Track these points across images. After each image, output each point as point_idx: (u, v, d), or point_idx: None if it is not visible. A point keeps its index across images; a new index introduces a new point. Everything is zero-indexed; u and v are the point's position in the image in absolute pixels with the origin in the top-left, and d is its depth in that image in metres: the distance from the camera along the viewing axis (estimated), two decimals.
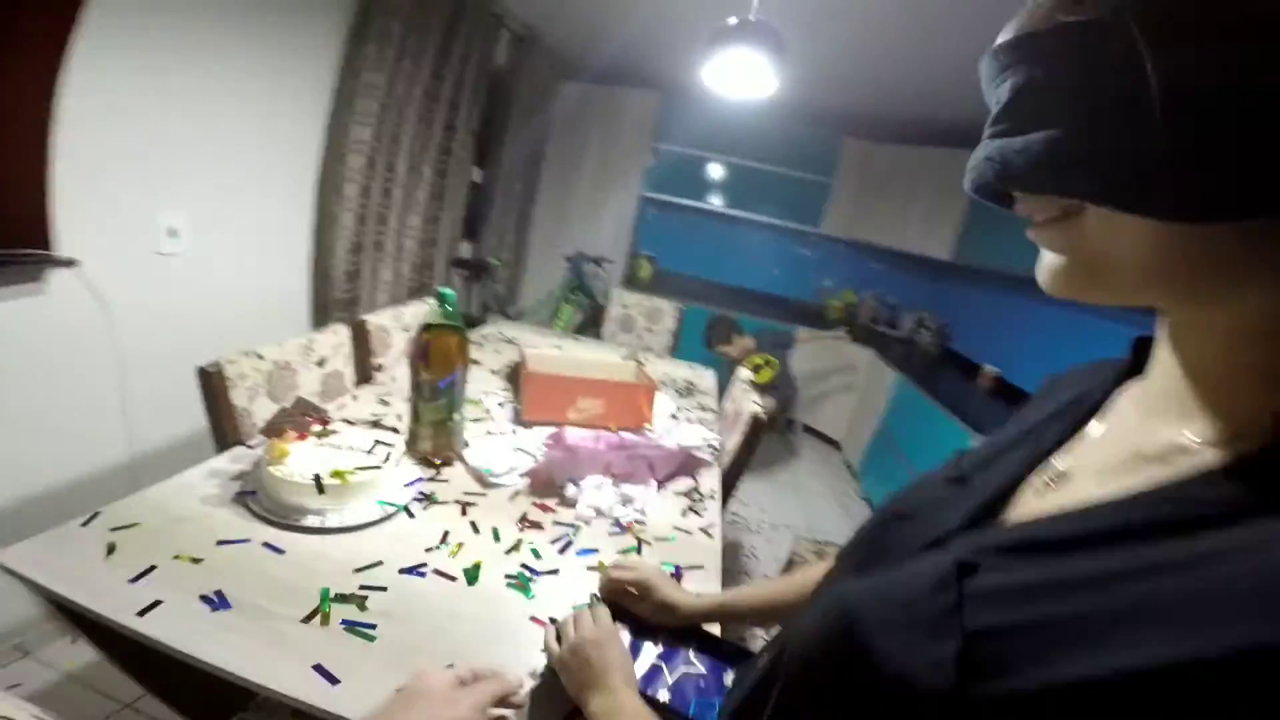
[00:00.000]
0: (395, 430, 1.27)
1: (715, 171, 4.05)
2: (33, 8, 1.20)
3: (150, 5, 1.42)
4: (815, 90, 3.18)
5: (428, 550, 0.95)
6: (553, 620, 0.79)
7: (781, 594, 0.74)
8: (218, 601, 0.77)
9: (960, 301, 3.88)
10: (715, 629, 0.82)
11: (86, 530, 0.85)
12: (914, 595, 0.34)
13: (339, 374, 1.60)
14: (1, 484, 1.38)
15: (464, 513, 1.08)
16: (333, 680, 0.69)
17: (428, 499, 1.10)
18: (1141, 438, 0.34)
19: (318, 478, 0.96)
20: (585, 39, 3.19)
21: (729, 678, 0.70)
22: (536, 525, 1.08)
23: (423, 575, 0.90)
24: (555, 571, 0.96)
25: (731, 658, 0.75)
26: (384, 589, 0.85)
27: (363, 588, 0.84)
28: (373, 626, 0.78)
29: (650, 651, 0.74)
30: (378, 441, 1.13)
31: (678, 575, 1.00)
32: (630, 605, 0.79)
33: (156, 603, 0.74)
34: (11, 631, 1.43)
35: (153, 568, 0.80)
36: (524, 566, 0.96)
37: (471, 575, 0.91)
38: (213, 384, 1.21)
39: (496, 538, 1.02)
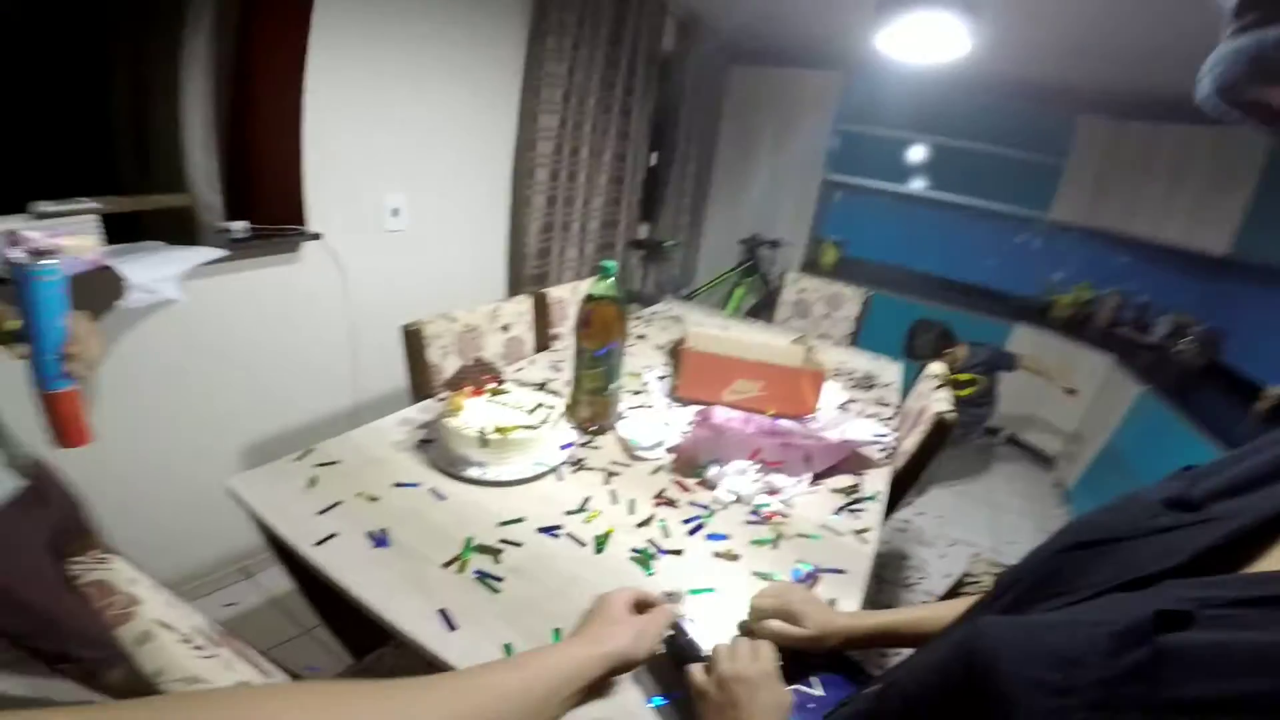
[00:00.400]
0: (558, 395, 1.35)
1: (917, 153, 3.65)
2: (273, 30, 1.46)
3: (363, 19, 1.64)
4: (1039, 64, 2.72)
5: (567, 513, 1.00)
6: (670, 594, 0.76)
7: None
8: (380, 539, 0.86)
9: (1239, 305, 3.04)
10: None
11: (298, 465, 1.01)
12: (1082, 649, 0.25)
13: (520, 340, 1.74)
14: (259, 419, 1.74)
15: (607, 481, 1.11)
16: (451, 626, 0.74)
17: (578, 464, 1.15)
18: None
19: (482, 431, 1.05)
20: (750, 20, 3.07)
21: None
22: (671, 503, 1.07)
23: (556, 536, 0.94)
24: (679, 552, 0.94)
25: (861, 683, 0.68)
26: (519, 545, 0.90)
27: (501, 541, 0.90)
28: (500, 579, 0.83)
29: None
30: (541, 404, 1.20)
31: (813, 578, 0.92)
32: (775, 635, 0.70)
33: (332, 535, 0.86)
34: (243, 555, 1.75)
35: (339, 503, 0.93)
36: (650, 542, 0.95)
37: (600, 543, 0.93)
38: (412, 341, 1.39)
39: (631, 510, 1.03)
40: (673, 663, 0.68)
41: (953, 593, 1.59)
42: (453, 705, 0.41)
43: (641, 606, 0.67)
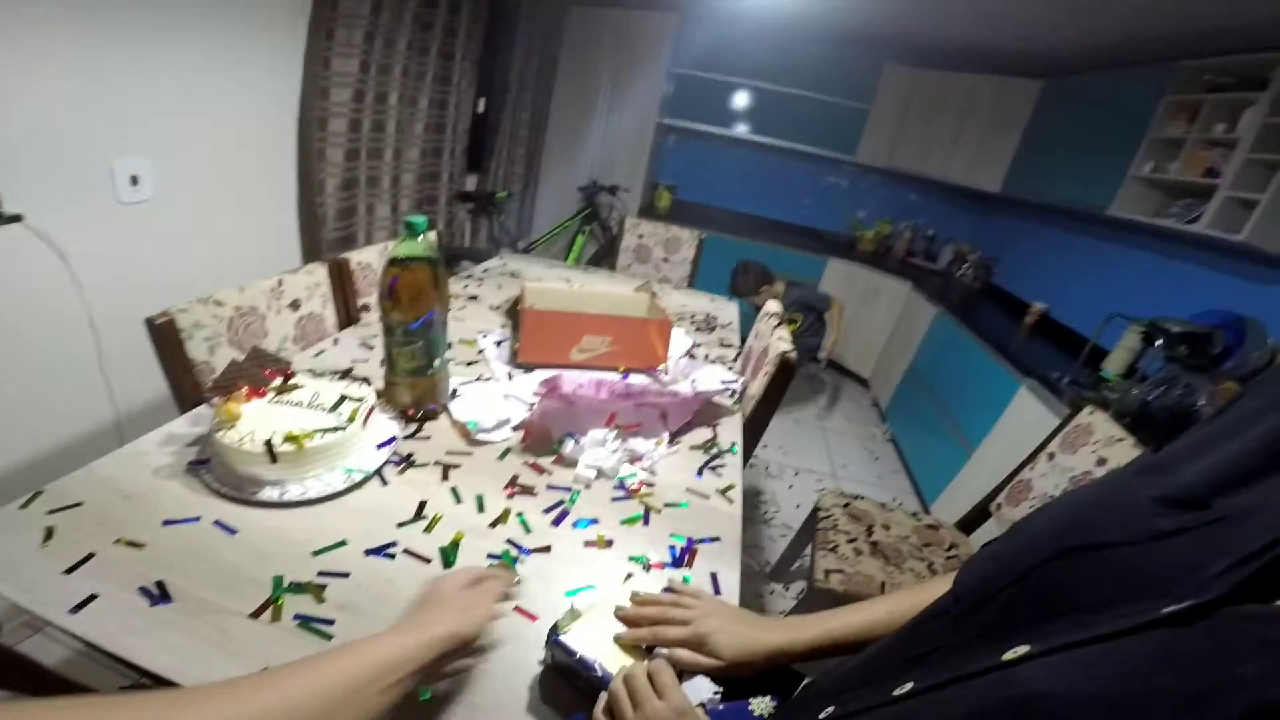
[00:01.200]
0: (368, 381, 1.12)
1: (741, 98, 3.73)
2: None
3: None
4: (851, 12, 2.83)
5: (400, 525, 0.82)
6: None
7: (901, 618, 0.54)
8: (158, 595, 0.65)
9: (1007, 236, 3.59)
10: None
11: (25, 513, 0.73)
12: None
13: (318, 317, 1.45)
14: None
15: (445, 476, 0.94)
16: None
17: (405, 461, 0.96)
18: None
19: (269, 444, 0.82)
20: None
21: (760, 706, 0.55)
22: (528, 490, 0.93)
23: (391, 557, 0.76)
24: (547, 549, 0.82)
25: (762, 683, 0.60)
26: (346, 575, 0.72)
27: (321, 574, 0.71)
28: (330, 622, 0.65)
29: None
30: (345, 396, 0.98)
31: (688, 551, 0.85)
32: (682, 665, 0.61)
33: (92, 597, 0.64)
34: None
35: (91, 555, 0.69)
36: (510, 543, 0.81)
37: (449, 555, 0.77)
38: (163, 336, 1.07)
39: (480, 507, 0.88)
40: (570, 687, 0.60)
41: (808, 527, 1.66)
42: (263, 700, 0.40)
43: (476, 584, 0.62)
